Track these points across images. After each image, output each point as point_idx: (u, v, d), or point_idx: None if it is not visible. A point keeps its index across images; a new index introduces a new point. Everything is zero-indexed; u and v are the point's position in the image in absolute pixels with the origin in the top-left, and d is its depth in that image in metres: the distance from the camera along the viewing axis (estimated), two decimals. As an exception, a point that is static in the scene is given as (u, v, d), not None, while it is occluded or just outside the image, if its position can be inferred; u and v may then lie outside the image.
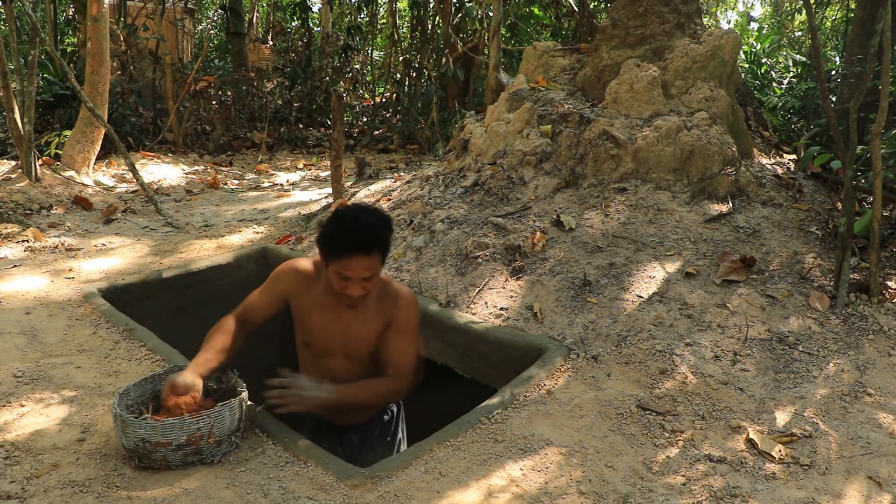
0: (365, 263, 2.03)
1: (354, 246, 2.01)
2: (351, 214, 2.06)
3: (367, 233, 2.02)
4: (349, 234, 2.02)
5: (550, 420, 2.30)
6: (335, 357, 2.29)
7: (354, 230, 2.02)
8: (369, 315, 2.22)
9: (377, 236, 2.05)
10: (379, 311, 2.22)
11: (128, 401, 2.11)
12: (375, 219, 2.06)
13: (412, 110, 9.17)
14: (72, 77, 5.00)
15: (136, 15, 8.79)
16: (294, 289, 2.26)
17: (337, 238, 2.03)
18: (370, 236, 2.03)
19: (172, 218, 4.94)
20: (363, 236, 2.02)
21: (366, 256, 2.02)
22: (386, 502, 1.87)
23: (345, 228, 2.03)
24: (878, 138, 2.95)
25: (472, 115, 5.07)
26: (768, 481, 2.01)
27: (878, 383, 2.52)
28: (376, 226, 2.05)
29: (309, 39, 9.69)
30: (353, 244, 2.01)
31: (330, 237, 2.05)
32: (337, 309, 2.21)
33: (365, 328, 2.23)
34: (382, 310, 2.23)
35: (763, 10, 15.02)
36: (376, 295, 2.22)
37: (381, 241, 2.06)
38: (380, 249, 2.06)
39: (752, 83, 6.29)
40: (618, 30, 4.38)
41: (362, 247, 2.01)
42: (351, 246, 2.01)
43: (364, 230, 2.02)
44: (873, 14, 4.33)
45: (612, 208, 3.61)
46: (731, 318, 2.86)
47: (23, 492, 1.85)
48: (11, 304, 3.17)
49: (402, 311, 2.23)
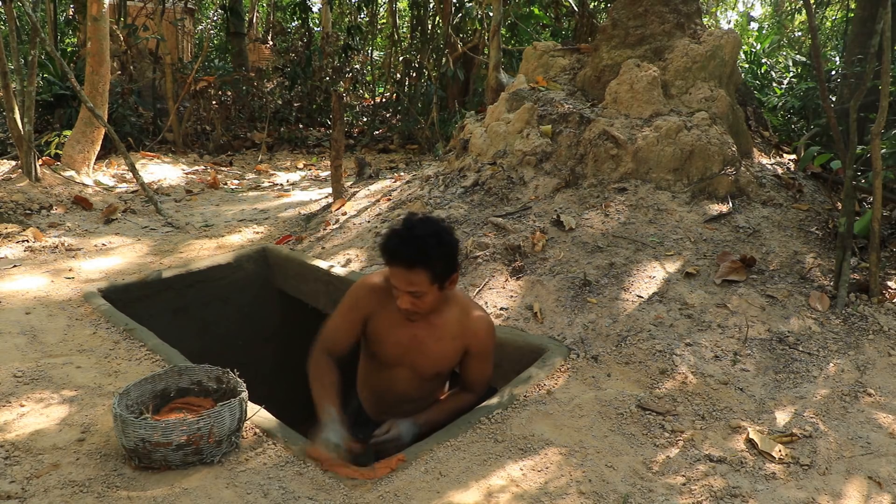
0: (406, 277, 1.99)
1: (396, 257, 1.98)
2: (410, 223, 2.02)
3: (411, 246, 1.96)
4: (394, 244, 1.98)
5: (550, 420, 2.30)
6: (401, 368, 2.27)
7: (400, 241, 1.97)
8: (444, 335, 2.20)
9: (422, 252, 1.96)
10: (456, 333, 2.20)
11: (128, 401, 2.11)
12: (429, 234, 1.99)
13: (412, 110, 9.18)
14: (72, 77, 5.00)
15: (136, 15, 8.79)
16: (372, 307, 2.22)
17: (385, 245, 2.01)
18: (412, 250, 1.96)
19: (172, 218, 4.94)
20: (406, 249, 1.96)
21: (406, 270, 1.98)
22: (386, 502, 1.87)
23: (395, 236, 1.99)
24: (878, 138, 2.95)
25: (472, 115, 5.07)
26: (768, 481, 2.01)
27: (878, 383, 2.52)
28: (425, 242, 1.97)
29: (309, 39, 9.69)
30: (395, 255, 1.97)
31: (382, 242, 2.03)
32: (413, 325, 2.18)
33: (437, 346, 2.21)
34: (460, 333, 2.21)
35: (763, 10, 15.02)
36: (456, 319, 2.19)
37: (426, 257, 1.97)
38: (426, 266, 1.98)
39: (752, 83, 6.29)
40: (618, 30, 4.38)
41: (403, 260, 1.97)
42: (393, 256, 1.98)
43: (408, 243, 1.96)
44: (873, 14, 4.33)
45: (612, 208, 3.61)
46: (731, 318, 2.86)
47: (23, 492, 1.85)
48: (11, 304, 3.17)
49: (483, 340, 2.25)
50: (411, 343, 2.22)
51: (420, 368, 2.27)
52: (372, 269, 3.58)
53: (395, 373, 2.30)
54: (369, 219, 4.28)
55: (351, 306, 2.25)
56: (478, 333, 2.24)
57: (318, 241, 4.20)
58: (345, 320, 2.25)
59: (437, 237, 2.00)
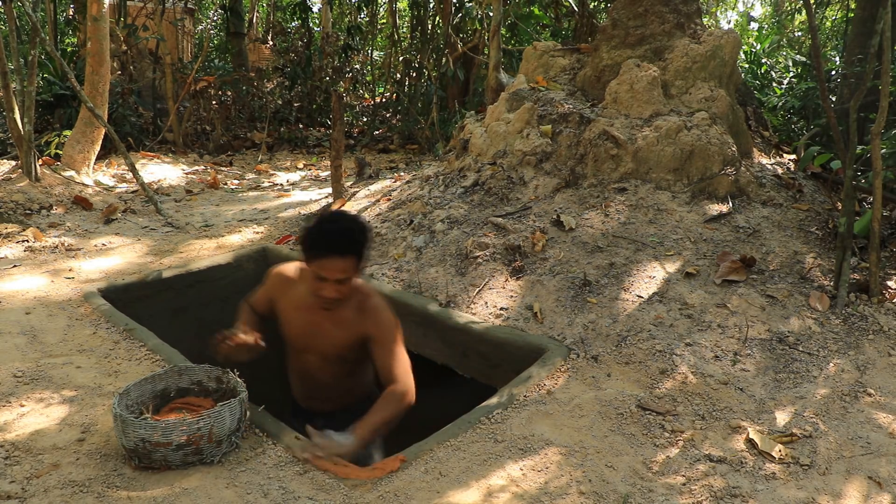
0: (339, 265, 2.13)
1: (331, 247, 2.12)
2: (331, 217, 2.20)
3: (344, 235, 2.15)
4: (327, 235, 2.13)
5: (550, 420, 2.30)
6: (310, 353, 2.45)
7: (332, 231, 2.14)
8: (344, 321, 2.33)
9: (353, 240, 2.16)
10: (355, 320, 2.32)
11: (128, 401, 2.11)
12: (354, 224, 2.20)
13: (412, 110, 9.17)
14: (72, 77, 5.00)
15: (136, 15, 8.78)
16: (278, 291, 2.45)
17: (316, 239, 2.14)
18: (346, 239, 2.15)
19: (172, 218, 4.94)
20: (340, 239, 2.14)
21: (340, 258, 2.13)
22: (386, 502, 1.87)
23: (324, 230, 2.15)
24: (878, 138, 2.95)
25: (472, 115, 5.07)
26: (768, 481, 2.02)
27: (878, 383, 2.52)
28: (353, 230, 2.17)
29: (309, 39, 9.68)
30: (330, 245, 2.12)
31: (309, 237, 2.17)
32: (314, 311, 2.32)
33: (337, 331, 2.35)
34: (359, 321, 2.32)
35: (763, 10, 15.02)
36: (355, 305, 2.33)
37: (356, 244, 2.17)
38: (355, 253, 2.16)
39: (752, 83, 6.29)
40: (618, 30, 4.38)
41: (338, 249, 2.12)
42: (328, 246, 2.12)
43: (341, 233, 2.15)
44: (873, 14, 4.33)
45: (612, 208, 3.61)
46: (731, 318, 2.86)
47: (23, 492, 1.85)
48: (11, 304, 3.17)
49: (382, 326, 2.32)
50: (312, 328, 2.37)
51: (324, 352, 2.41)
52: (371, 268, 3.58)
53: (305, 358, 2.48)
54: (369, 219, 4.28)
55: (263, 288, 2.54)
56: (376, 320, 2.32)
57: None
58: (259, 294, 2.56)
59: (360, 225, 2.22)
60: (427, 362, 3.27)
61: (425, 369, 3.59)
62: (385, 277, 3.46)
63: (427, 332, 3.19)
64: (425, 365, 3.36)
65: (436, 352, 3.17)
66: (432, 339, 3.17)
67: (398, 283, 3.40)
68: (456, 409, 2.46)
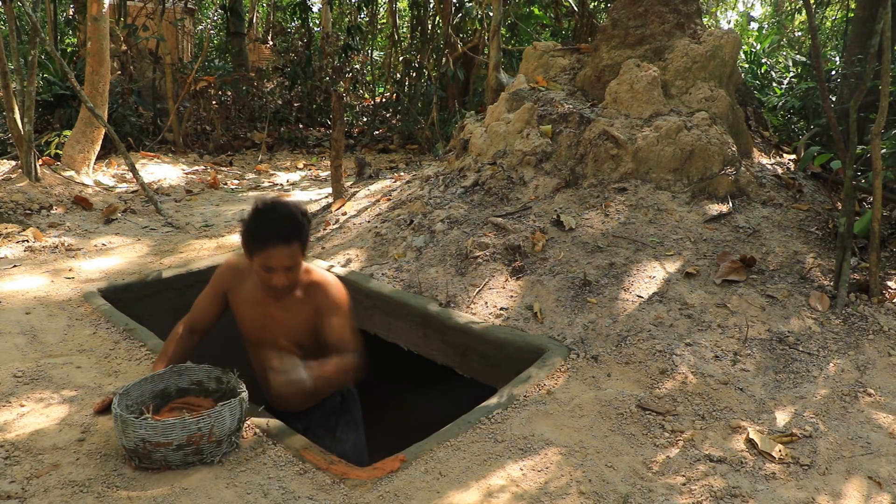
0: (286, 252, 2.11)
1: (276, 236, 2.09)
2: (269, 207, 2.15)
3: (286, 222, 2.12)
4: (269, 225, 2.11)
5: (550, 420, 2.30)
6: (267, 347, 2.38)
7: (273, 220, 2.11)
8: (295, 305, 2.29)
9: (295, 225, 2.13)
10: (304, 299, 2.29)
11: (128, 401, 2.11)
12: (292, 209, 2.16)
13: (412, 110, 9.18)
14: (72, 77, 5.00)
15: (136, 15, 8.78)
16: (230, 284, 2.38)
17: (258, 230, 2.12)
18: (289, 225, 2.12)
19: (172, 218, 4.94)
20: (283, 226, 2.11)
21: (287, 245, 2.11)
22: (386, 502, 1.87)
23: (265, 220, 2.12)
24: (878, 138, 2.95)
25: (472, 115, 5.07)
26: (768, 481, 2.01)
27: (878, 383, 2.52)
28: (294, 215, 2.14)
29: (309, 39, 9.69)
30: (274, 234, 2.09)
31: (251, 230, 2.14)
32: (265, 303, 2.29)
33: (291, 318, 2.30)
34: (308, 298, 2.29)
35: (763, 10, 15.02)
36: (302, 286, 2.29)
37: (299, 229, 2.15)
38: (299, 238, 2.14)
39: (752, 83, 6.29)
40: (618, 30, 4.38)
41: (283, 236, 2.10)
42: (272, 236, 2.09)
43: (282, 220, 2.11)
44: (873, 14, 4.33)
45: (612, 208, 3.61)
46: (731, 318, 2.86)
47: (23, 492, 1.85)
48: (11, 304, 3.17)
49: (328, 296, 2.29)
50: (265, 320, 2.32)
51: (282, 344, 2.34)
52: (371, 268, 3.58)
53: (263, 353, 2.39)
54: (369, 219, 4.28)
55: (213, 284, 2.42)
56: (324, 292, 2.29)
57: (317, 240, 4.20)
58: (206, 296, 2.42)
59: (300, 210, 2.18)
60: (427, 362, 3.27)
61: (425, 369, 3.60)
62: (385, 277, 3.46)
63: (427, 332, 3.19)
64: (425, 365, 3.36)
65: (436, 352, 3.17)
66: (432, 339, 3.17)
67: (398, 283, 3.40)
68: (456, 409, 2.46)
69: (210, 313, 2.42)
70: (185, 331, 2.40)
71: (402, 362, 3.62)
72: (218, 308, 2.42)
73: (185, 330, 2.41)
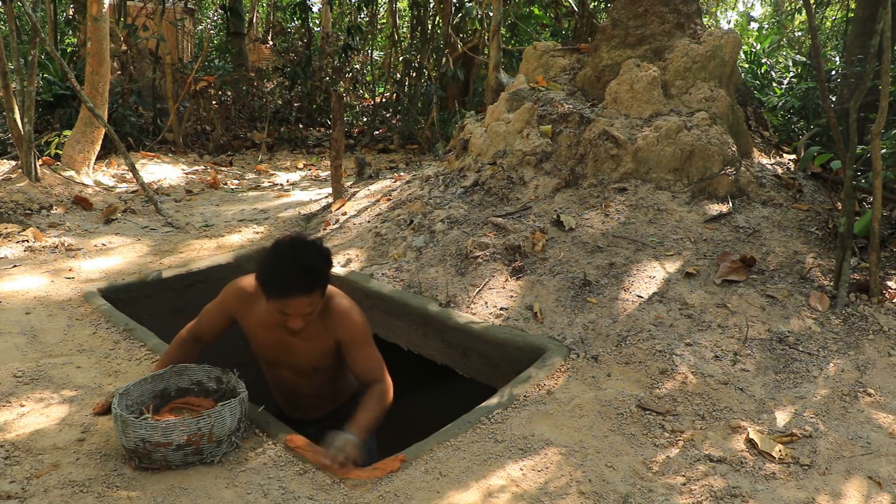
0: (306, 301, 2.02)
1: (296, 289, 1.98)
2: (290, 253, 2.02)
3: (306, 273, 2.00)
4: (289, 278, 1.98)
5: (550, 420, 2.30)
6: (282, 368, 2.34)
7: (293, 272, 1.98)
8: (312, 333, 2.21)
9: (316, 275, 2.03)
10: (323, 328, 2.20)
11: (128, 401, 2.11)
12: (313, 257, 2.04)
13: (412, 110, 9.18)
14: (72, 77, 5.00)
15: (136, 15, 8.78)
16: (240, 308, 2.28)
17: (276, 281, 2.00)
18: (310, 277, 2.01)
19: (172, 218, 4.94)
20: (302, 277, 1.99)
21: (307, 296, 2.01)
22: (386, 502, 1.88)
23: (284, 271, 1.99)
24: (878, 138, 2.95)
25: (472, 115, 5.07)
26: (768, 481, 2.01)
27: (878, 383, 2.52)
28: (314, 266, 2.02)
29: (309, 39, 9.69)
30: (295, 287, 1.98)
31: (270, 278, 2.01)
32: (279, 329, 2.19)
33: (309, 347, 2.24)
34: (327, 327, 2.21)
35: (763, 10, 15.02)
36: (321, 314, 2.20)
37: (320, 278, 2.05)
38: (320, 285, 2.05)
39: (752, 83, 6.29)
40: (618, 30, 4.38)
41: (303, 289, 1.99)
42: (292, 289, 1.98)
43: (302, 272, 1.99)
44: (873, 14, 4.33)
45: (612, 208, 3.61)
46: (731, 318, 2.86)
47: (23, 492, 1.85)
48: (11, 304, 3.17)
49: (351, 328, 2.22)
50: (280, 345, 2.25)
51: (296, 367, 2.30)
52: (371, 268, 3.58)
53: (278, 372, 2.37)
54: (369, 219, 4.28)
55: (220, 303, 2.33)
56: (344, 324, 2.21)
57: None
58: (213, 313, 2.35)
59: (322, 257, 2.06)
60: (427, 362, 3.27)
61: (425, 369, 3.60)
62: (385, 277, 3.46)
63: (427, 332, 3.19)
64: (425, 365, 3.36)
65: (436, 352, 3.17)
66: (432, 339, 3.17)
67: (398, 283, 3.40)
68: (456, 409, 2.46)
69: (216, 328, 2.36)
70: (190, 338, 2.37)
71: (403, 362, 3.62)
72: (224, 325, 2.35)
73: (190, 337, 2.37)
